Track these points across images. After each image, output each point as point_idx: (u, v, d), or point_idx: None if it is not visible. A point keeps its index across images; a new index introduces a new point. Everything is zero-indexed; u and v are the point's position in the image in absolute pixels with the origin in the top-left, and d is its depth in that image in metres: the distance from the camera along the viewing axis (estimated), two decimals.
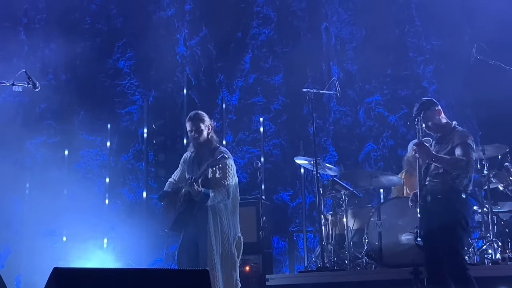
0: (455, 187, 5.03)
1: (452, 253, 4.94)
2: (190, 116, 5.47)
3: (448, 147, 5.13)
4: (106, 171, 9.67)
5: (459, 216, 4.99)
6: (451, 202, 5.02)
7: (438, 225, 5.00)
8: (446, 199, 5.02)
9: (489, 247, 6.40)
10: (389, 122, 9.58)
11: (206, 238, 5.14)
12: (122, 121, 9.97)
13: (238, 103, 9.96)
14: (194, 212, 5.21)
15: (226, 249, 5.19)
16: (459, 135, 5.12)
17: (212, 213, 5.20)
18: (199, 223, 5.21)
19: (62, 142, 9.52)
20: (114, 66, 10.08)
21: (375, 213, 6.56)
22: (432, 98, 5.47)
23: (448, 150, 5.12)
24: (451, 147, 5.10)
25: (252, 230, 7.18)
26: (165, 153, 9.58)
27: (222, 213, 5.24)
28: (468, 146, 5.05)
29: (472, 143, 5.15)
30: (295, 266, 9.02)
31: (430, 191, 5.10)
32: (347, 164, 9.13)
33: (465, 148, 5.03)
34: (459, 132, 5.17)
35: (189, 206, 5.23)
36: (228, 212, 5.28)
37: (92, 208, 9.19)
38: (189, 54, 10.18)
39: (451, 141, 5.13)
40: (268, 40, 10.05)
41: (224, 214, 5.25)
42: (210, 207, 5.18)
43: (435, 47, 9.56)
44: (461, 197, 5.05)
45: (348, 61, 9.87)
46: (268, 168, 9.50)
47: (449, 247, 4.95)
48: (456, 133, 5.16)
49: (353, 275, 6.38)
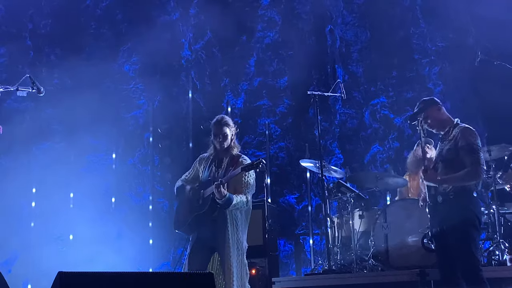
0: (466, 187, 4.94)
1: (466, 254, 4.84)
2: (217, 120, 5.45)
3: (451, 144, 5.00)
4: (112, 175, 9.69)
5: (472, 216, 4.91)
6: (463, 202, 4.92)
7: (450, 226, 4.92)
8: (458, 199, 4.93)
9: (496, 248, 6.38)
10: (394, 124, 9.56)
11: (224, 244, 5.11)
12: (128, 125, 9.99)
13: (244, 107, 9.97)
14: (214, 216, 5.19)
15: (240, 257, 5.18)
16: (463, 134, 4.97)
17: (230, 219, 5.18)
18: (218, 228, 5.18)
19: (68, 147, 9.54)
20: (119, 71, 10.11)
21: (381, 215, 6.55)
22: (433, 97, 5.37)
23: (452, 147, 5.00)
24: (455, 146, 4.97)
25: (258, 233, 7.17)
26: (171, 157, 9.60)
27: (238, 220, 5.23)
28: (474, 150, 4.93)
29: (479, 142, 5.03)
30: (302, 269, 9.01)
31: (441, 192, 5.01)
32: (353, 166, 9.11)
33: (472, 154, 4.91)
34: (463, 130, 5.02)
35: (209, 209, 5.20)
36: (243, 221, 5.28)
37: (99, 213, 9.20)
38: (194, 58, 10.20)
39: (454, 138, 5.01)
40: (273, 43, 10.06)
41: (240, 222, 5.24)
42: (229, 213, 5.17)
43: (440, 49, 9.54)
44: (473, 196, 4.99)
45: (353, 64, 9.87)
46: (274, 171, 9.49)
47: (462, 247, 4.86)
48: (460, 131, 5.02)
49: (359, 277, 6.37)
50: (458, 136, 4.99)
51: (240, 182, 5.20)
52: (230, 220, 5.17)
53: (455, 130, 5.07)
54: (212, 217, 5.20)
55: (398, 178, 7.13)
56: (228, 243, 5.10)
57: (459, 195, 4.94)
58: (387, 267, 6.44)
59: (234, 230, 5.18)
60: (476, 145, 4.97)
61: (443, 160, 5.07)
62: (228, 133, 5.38)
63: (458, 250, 4.88)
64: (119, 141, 9.81)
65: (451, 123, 5.15)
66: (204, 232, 5.27)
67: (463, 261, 4.87)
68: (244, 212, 5.28)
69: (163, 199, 9.71)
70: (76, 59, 9.68)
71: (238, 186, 5.19)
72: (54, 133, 9.77)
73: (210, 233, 5.23)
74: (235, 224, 5.20)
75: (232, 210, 5.17)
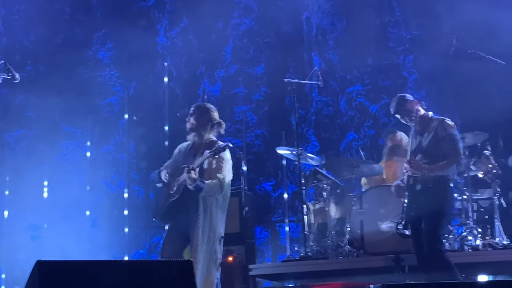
0: (445, 177, 5.24)
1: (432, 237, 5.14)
2: (197, 105, 5.55)
3: (430, 137, 5.26)
4: (87, 163, 9.61)
5: (446, 204, 5.25)
6: (440, 190, 5.22)
7: (426, 213, 5.18)
8: (436, 188, 5.21)
9: (469, 233, 6.48)
10: (370, 112, 9.62)
11: (195, 230, 5.12)
12: (103, 113, 9.90)
13: (220, 94, 9.94)
14: (187, 202, 5.19)
15: (211, 245, 5.18)
16: (443, 125, 5.26)
17: (203, 206, 5.18)
18: (190, 214, 5.19)
19: (42, 134, 9.43)
20: (94, 57, 10.00)
21: (357, 202, 6.62)
22: (404, 94, 5.66)
23: (431, 139, 5.24)
24: (435, 137, 5.22)
25: (235, 221, 7.19)
26: (146, 144, 9.55)
27: (213, 207, 5.23)
28: (454, 139, 5.24)
29: (457, 133, 5.34)
30: (278, 256, 9.06)
31: (420, 180, 5.24)
32: (329, 154, 9.14)
33: (452, 144, 5.22)
34: (442, 121, 5.31)
35: (182, 196, 5.20)
36: (218, 208, 5.27)
37: (74, 201, 9.12)
38: (170, 45, 10.13)
39: (433, 130, 5.29)
40: (249, 30, 10.03)
41: (214, 209, 5.24)
42: (202, 200, 5.17)
43: (415, 37, 9.60)
44: (449, 186, 5.31)
45: (330, 51, 9.88)
46: (251, 159, 9.50)
47: (430, 232, 5.15)
48: (439, 122, 5.31)
49: (335, 263, 6.43)
50: (438, 128, 5.27)
51: (215, 168, 5.21)
52: (203, 207, 5.17)
53: (434, 123, 5.32)
54: (186, 204, 5.21)
55: (374, 165, 7.18)
56: (198, 230, 5.11)
57: (437, 184, 5.21)
58: (362, 253, 6.51)
59: (207, 217, 5.18)
60: (456, 136, 5.28)
61: (424, 151, 5.30)
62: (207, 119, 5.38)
63: (427, 235, 5.17)
64: (94, 129, 9.71)
65: (427, 118, 5.41)
66: (179, 220, 5.29)
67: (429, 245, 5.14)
68: (221, 198, 5.28)
69: (139, 187, 9.67)
70: (50, 46, 9.55)
71: (212, 173, 5.20)
72: (28, 120, 9.64)
73: (184, 221, 5.24)
74: (209, 211, 5.20)
75: (206, 197, 5.17)
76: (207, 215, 5.18)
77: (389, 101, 9.39)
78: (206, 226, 5.15)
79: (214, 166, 5.21)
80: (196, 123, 5.40)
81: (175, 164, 5.48)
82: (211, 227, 5.18)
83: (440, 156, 5.24)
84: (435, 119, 5.39)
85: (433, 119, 5.39)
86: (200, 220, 5.14)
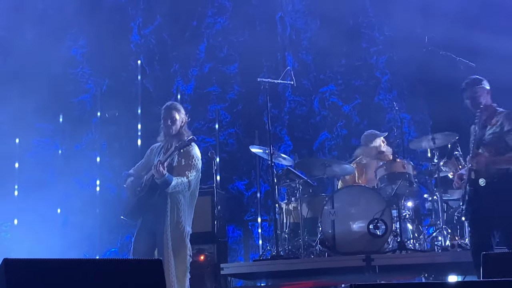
0: (510, 170, 5.03)
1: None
2: (166, 105, 5.50)
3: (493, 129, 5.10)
4: (58, 160, 9.51)
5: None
6: (507, 184, 5.01)
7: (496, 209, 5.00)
8: (502, 181, 5.01)
9: (439, 234, 6.55)
10: (343, 111, 9.68)
11: (163, 228, 5.12)
12: (75, 110, 9.82)
13: (194, 93, 9.93)
14: (154, 199, 5.19)
15: (181, 241, 5.18)
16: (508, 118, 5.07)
17: (171, 203, 5.19)
18: (158, 211, 5.19)
19: (13, 130, 9.30)
20: (66, 54, 9.90)
21: (328, 202, 6.64)
22: (482, 78, 5.34)
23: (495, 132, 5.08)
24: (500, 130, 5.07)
25: (207, 220, 7.17)
26: (118, 142, 9.49)
27: (180, 204, 5.23)
28: None
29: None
30: (250, 255, 9.07)
31: (485, 175, 5.04)
32: (302, 153, 9.20)
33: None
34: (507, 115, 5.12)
35: (149, 193, 5.20)
36: (185, 205, 5.27)
37: (45, 198, 9.03)
38: (144, 42, 10.08)
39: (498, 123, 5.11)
40: (223, 29, 10.02)
41: (182, 206, 5.24)
42: (170, 197, 5.17)
43: (387, 38, 9.69)
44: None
45: (303, 51, 9.93)
46: (224, 157, 9.50)
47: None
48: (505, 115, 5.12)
49: (306, 263, 6.45)
50: (504, 120, 5.10)
51: (184, 165, 5.22)
52: (170, 203, 5.18)
53: (499, 115, 5.15)
54: (152, 201, 5.21)
55: (346, 165, 7.23)
56: (167, 226, 5.11)
57: (503, 178, 5.02)
58: (334, 252, 6.54)
59: (175, 213, 5.18)
60: None
61: (486, 144, 5.13)
62: (177, 118, 5.39)
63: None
64: (65, 126, 9.62)
65: (493, 109, 5.23)
66: (147, 218, 5.28)
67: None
68: (188, 196, 5.28)
69: (111, 185, 9.60)
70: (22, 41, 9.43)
71: (181, 170, 5.21)
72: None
73: (151, 218, 5.23)
74: (176, 208, 5.20)
75: (174, 193, 5.17)
76: (174, 212, 5.18)
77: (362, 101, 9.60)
78: (173, 222, 5.15)
79: (183, 163, 5.22)
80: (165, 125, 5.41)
81: (148, 164, 5.48)
82: (179, 223, 5.18)
83: (502, 149, 5.05)
84: (500, 111, 5.19)
85: (498, 111, 5.19)
86: (168, 217, 5.14)
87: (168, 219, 5.14)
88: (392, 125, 8.50)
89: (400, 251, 6.29)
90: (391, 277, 6.45)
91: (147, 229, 5.27)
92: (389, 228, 6.32)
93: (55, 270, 2.96)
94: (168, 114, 5.40)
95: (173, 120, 5.38)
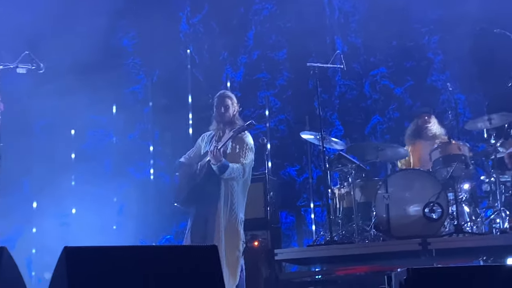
0: None
1: None
2: (219, 94, 5.62)
3: None
4: (113, 150, 9.69)
5: None
6: None
7: None
8: None
9: (497, 216, 6.43)
10: (394, 94, 9.54)
11: (215, 214, 5.17)
12: (127, 100, 9.97)
13: (243, 80, 9.94)
14: (208, 186, 5.24)
15: (233, 228, 5.22)
16: None
17: (225, 189, 5.23)
18: (211, 198, 5.23)
19: (67, 122, 9.52)
20: (117, 46, 10.05)
21: (382, 186, 6.58)
22: None
23: None
24: None
25: (260, 206, 7.21)
26: (170, 131, 9.60)
27: (234, 191, 5.28)
28: None
29: None
30: (304, 241, 9.07)
31: None
32: (353, 137, 9.11)
33: None
34: None
35: (204, 179, 5.25)
36: (239, 192, 5.31)
37: (100, 188, 9.22)
38: (192, 32, 10.14)
39: None
40: (271, 15, 9.98)
41: (236, 193, 5.28)
42: (224, 183, 5.21)
43: (439, 18, 9.46)
44: None
45: (352, 34, 9.80)
46: (275, 144, 9.50)
47: None
48: None
49: (361, 247, 6.42)
50: None
51: (238, 152, 5.25)
52: (224, 190, 5.22)
53: None
54: (206, 187, 5.25)
55: (400, 148, 7.14)
56: (219, 213, 5.15)
57: None
58: (388, 237, 6.48)
59: (228, 200, 5.22)
60: None
61: None
62: (230, 105, 5.46)
63: None
64: (119, 117, 9.79)
65: None
66: (201, 204, 5.33)
67: None
68: (241, 183, 5.31)
69: (164, 173, 9.73)
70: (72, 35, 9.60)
71: (235, 157, 5.24)
72: (52, 109, 9.72)
73: (205, 205, 5.28)
74: (230, 194, 5.24)
75: (228, 180, 5.20)
76: (227, 199, 5.22)
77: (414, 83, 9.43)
78: (226, 209, 5.19)
79: (237, 150, 5.27)
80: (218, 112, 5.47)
81: (198, 152, 5.53)
82: (232, 210, 5.22)
83: None
84: None
85: None
86: (221, 204, 5.18)
87: (222, 205, 5.18)
88: (446, 107, 8.32)
89: (457, 234, 6.18)
90: (448, 261, 6.35)
91: (201, 217, 5.32)
92: (445, 211, 6.22)
93: (113, 257, 3.03)
94: (222, 102, 5.48)
95: (226, 107, 5.45)
